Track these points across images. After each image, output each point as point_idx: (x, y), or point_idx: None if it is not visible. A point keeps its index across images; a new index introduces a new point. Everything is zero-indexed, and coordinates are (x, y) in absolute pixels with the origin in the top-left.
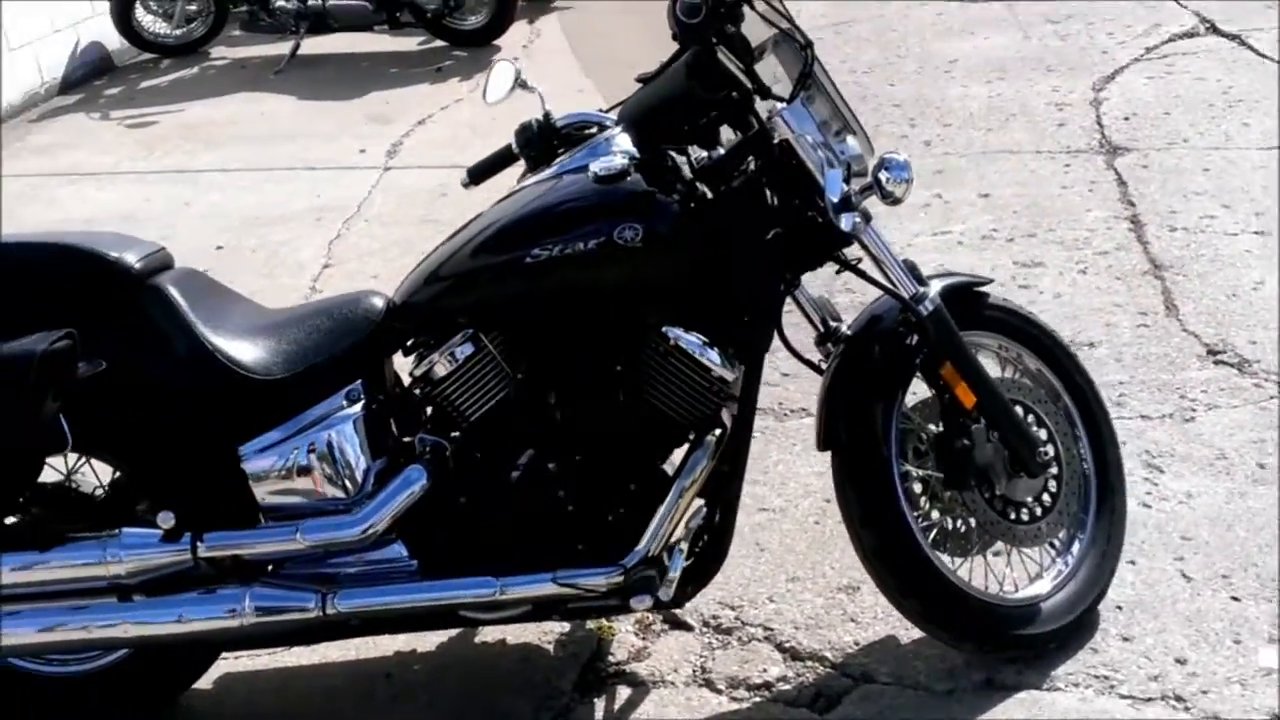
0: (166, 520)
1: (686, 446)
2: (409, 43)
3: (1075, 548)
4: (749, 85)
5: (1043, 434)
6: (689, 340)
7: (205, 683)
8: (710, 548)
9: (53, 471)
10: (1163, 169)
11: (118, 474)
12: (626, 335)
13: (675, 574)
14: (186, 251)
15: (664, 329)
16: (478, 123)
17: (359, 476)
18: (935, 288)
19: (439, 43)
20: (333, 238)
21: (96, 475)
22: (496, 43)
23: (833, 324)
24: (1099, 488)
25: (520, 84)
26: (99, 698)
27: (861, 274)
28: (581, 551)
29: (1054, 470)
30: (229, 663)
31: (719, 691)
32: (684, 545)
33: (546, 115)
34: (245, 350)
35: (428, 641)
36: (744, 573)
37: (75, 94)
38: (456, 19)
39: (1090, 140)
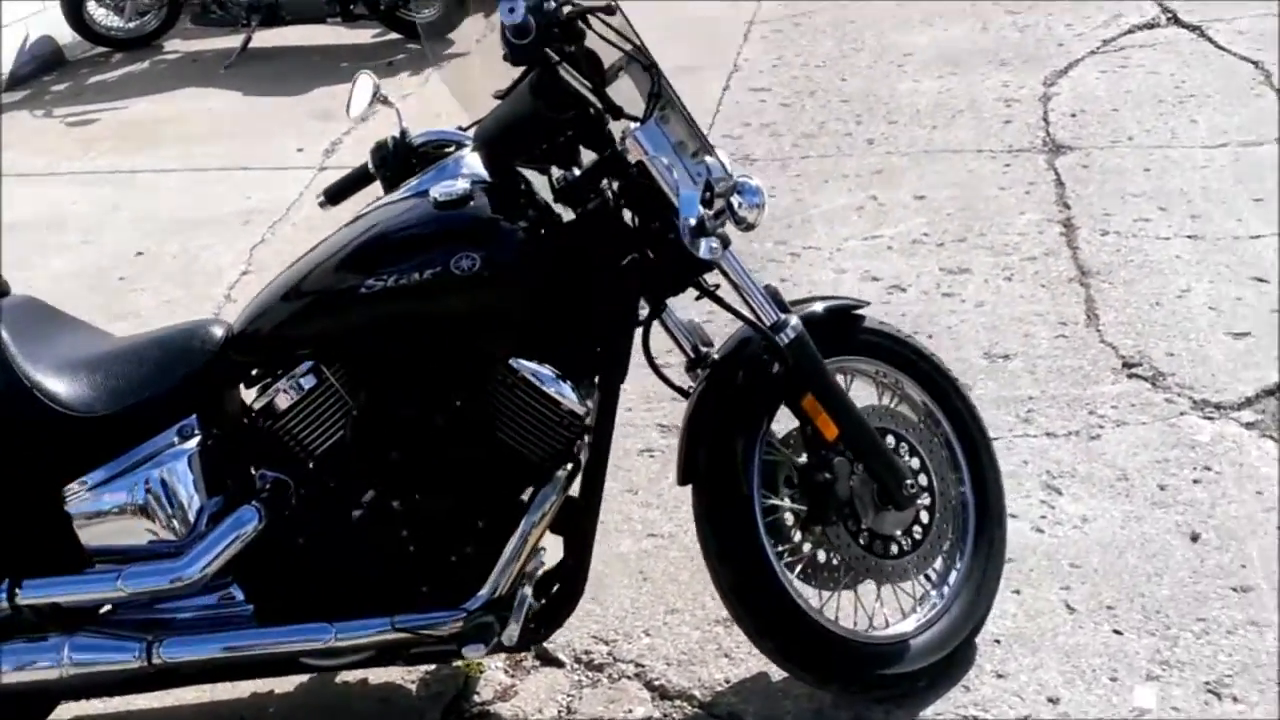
0: None
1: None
2: (363, 35)
3: (952, 579)
4: (598, 105)
5: (915, 463)
6: (536, 372)
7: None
8: (564, 587)
9: None
10: (1103, 169)
11: None
12: (471, 367)
13: (520, 617)
14: (106, 257)
15: (510, 360)
16: (422, 119)
17: (192, 517)
18: (810, 310)
19: (394, 35)
20: (256, 242)
21: None
22: (450, 36)
23: (703, 349)
24: (978, 518)
25: (380, 99)
26: None
27: (720, 301)
28: (425, 594)
29: (925, 501)
30: (77, 706)
31: None
32: (529, 588)
33: (403, 133)
34: (66, 385)
35: (286, 682)
36: (624, 604)
37: (22, 90)
38: (410, 11)
39: (1034, 139)
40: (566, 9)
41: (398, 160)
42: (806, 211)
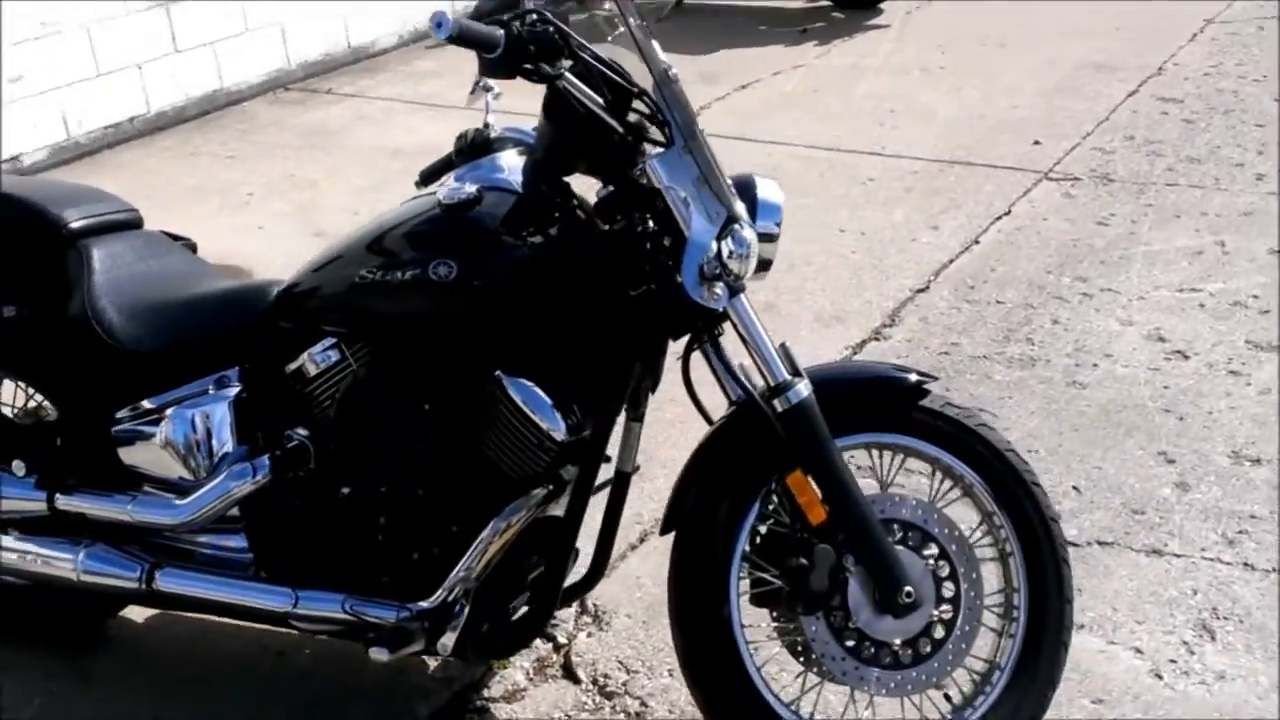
0: (19, 468)
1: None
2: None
3: (978, 704)
4: (614, 127)
5: (944, 570)
6: (520, 389)
7: (144, 613)
8: (531, 609)
9: None
10: None
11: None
12: (459, 373)
13: (457, 627)
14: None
15: (497, 373)
16: (796, 93)
17: (215, 460)
18: (858, 375)
19: (823, 3)
20: None
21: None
22: (881, 6)
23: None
24: (1024, 645)
25: (483, 87)
26: (41, 611)
27: (719, 351)
28: (385, 584)
29: (938, 613)
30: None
31: None
32: (463, 601)
33: (485, 125)
34: (124, 320)
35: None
36: (668, 638)
37: None
38: None
39: None
40: (533, 17)
41: (473, 151)
42: (1132, 248)
